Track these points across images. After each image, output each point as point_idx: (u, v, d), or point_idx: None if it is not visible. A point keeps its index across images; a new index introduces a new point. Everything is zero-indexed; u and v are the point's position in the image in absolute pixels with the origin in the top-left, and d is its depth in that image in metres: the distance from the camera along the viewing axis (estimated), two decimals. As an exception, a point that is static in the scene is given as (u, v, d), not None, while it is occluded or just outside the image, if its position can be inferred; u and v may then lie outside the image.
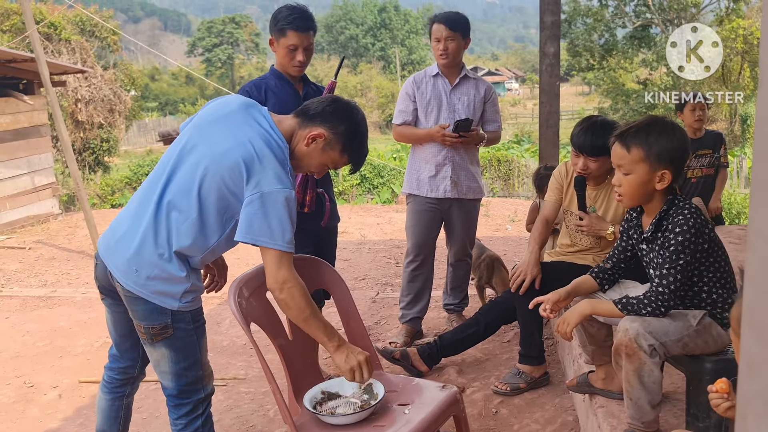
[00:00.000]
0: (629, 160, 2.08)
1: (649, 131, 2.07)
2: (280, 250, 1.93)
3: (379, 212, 10.12)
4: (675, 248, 2.02)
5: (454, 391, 2.21)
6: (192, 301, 2.05)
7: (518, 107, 46.20)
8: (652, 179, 2.07)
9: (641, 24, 28.04)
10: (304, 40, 2.97)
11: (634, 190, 2.11)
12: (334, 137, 2.07)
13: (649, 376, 2.08)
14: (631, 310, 2.10)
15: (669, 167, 2.05)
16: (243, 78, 56.10)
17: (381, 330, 4.23)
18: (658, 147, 2.05)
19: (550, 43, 4.74)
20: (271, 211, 1.90)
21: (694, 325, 2.11)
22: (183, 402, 2.12)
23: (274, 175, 1.92)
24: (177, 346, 2.04)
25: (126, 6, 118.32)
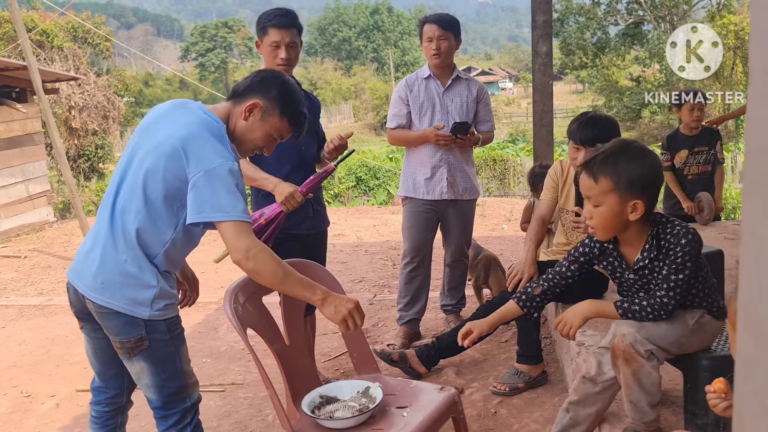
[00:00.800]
0: (598, 190, 1.98)
1: (617, 158, 1.96)
2: (236, 220, 1.91)
3: (375, 214, 10.12)
4: (682, 259, 1.99)
5: (453, 392, 2.21)
6: (165, 309, 2.00)
7: (512, 106, 46.28)
8: (624, 210, 1.97)
9: (633, 21, 28.12)
10: (285, 36, 2.94)
11: (607, 222, 2.01)
12: (269, 103, 2.06)
13: (647, 378, 2.07)
14: (632, 317, 2.08)
15: (641, 196, 1.95)
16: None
17: (379, 332, 4.23)
18: (627, 175, 1.94)
19: (543, 42, 4.74)
20: (217, 185, 1.89)
21: (690, 325, 2.11)
22: (169, 413, 2.08)
23: (213, 150, 1.91)
24: (155, 358, 2.00)
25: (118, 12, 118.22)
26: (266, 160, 3.00)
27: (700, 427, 2.24)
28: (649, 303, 2.07)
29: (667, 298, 2.03)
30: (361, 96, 43.61)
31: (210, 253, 7.39)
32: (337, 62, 57.06)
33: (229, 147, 1.97)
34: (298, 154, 3.03)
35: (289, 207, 2.85)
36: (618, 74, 29.41)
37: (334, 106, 39.79)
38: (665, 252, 2.04)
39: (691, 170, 4.75)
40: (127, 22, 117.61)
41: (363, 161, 16.93)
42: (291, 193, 2.83)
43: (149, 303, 1.96)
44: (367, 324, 4.36)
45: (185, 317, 4.98)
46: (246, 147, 2.13)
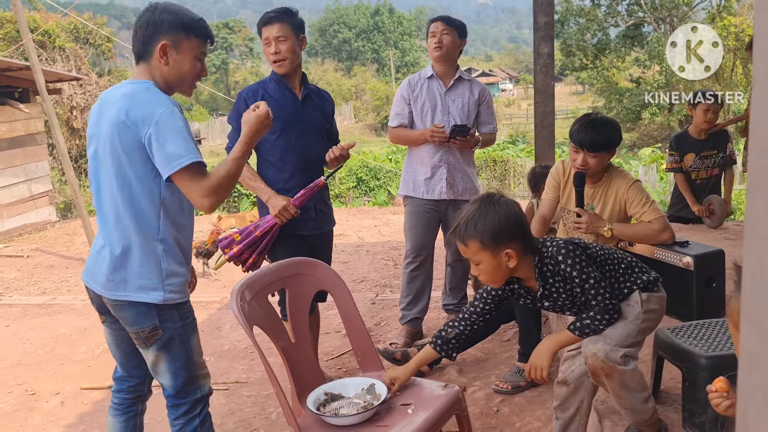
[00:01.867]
0: (470, 252, 2.06)
1: (477, 220, 2.02)
2: (196, 160, 1.97)
3: (376, 214, 10.14)
4: (577, 269, 2.06)
5: (456, 390, 2.23)
6: (178, 289, 2.08)
7: (513, 107, 46.29)
8: (500, 261, 2.04)
9: (634, 23, 28.15)
10: (272, 31, 2.96)
11: (491, 275, 2.08)
12: (171, 32, 2.07)
13: (632, 381, 2.13)
14: (590, 332, 2.12)
15: (509, 245, 2.02)
16: (237, 83, 56.11)
17: (381, 331, 4.25)
18: (489, 233, 2.01)
19: (544, 44, 4.77)
20: (170, 132, 1.95)
21: (639, 309, 2.15)
22: (181, 402, 2.17)
23: (150, 104, 1.97)
24: (169, 346, 2.09)
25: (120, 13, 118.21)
26: (271, 161, 3.03)
27: (698, 425, 2.26)
28: (595, 314, 2.12)
29: (603, 300, 2.09)
30: (361, 97, 43.63)
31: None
32: (338, 63, 57.09)
33: (162, 95, 2.03)
34: (303, 153, 3.05)
35: (282, 219, 2.92)
36: (618, 76, 29.43)
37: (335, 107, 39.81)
38: (554, 275, 2.11)
39: (700, 174, 4.76)
40: (129, 22, 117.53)
41: (364, 162, 16.95)
42: (284, 206, 2.91)
43: (161, 285, 2.04)
44: (369, 323, 4.38)
45: (188, 316, 4.98)
46: (184, 85, 2.16)
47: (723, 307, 3.13)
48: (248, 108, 2.95)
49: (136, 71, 2.13)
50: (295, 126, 3.04)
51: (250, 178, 3.01)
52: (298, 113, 3.06)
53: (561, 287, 2.12)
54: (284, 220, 2.93)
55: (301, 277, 2.38)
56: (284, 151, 3.02)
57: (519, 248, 2.04)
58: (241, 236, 2.94)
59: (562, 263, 2.06)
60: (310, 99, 3.15)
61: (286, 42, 2.98)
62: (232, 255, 2.94)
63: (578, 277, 2.07)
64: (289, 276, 2.36)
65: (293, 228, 3.00)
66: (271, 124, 2.19)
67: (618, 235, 3.00)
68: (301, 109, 3.08)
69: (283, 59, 2.99)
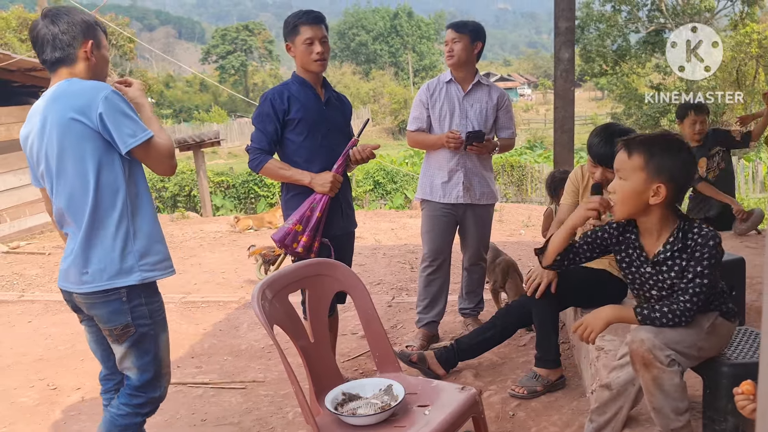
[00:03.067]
0: (629, 165, 2.08)
1: (654, 143, 2.07)
2: (151, 135, 2.12)
3: (393, 218, 10.16)
4: (708, 262, 2.03)
5: (474, 392, 2.24)
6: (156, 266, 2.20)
7: (531, 113, 46.18)
8: (646, 190, 2.05)
9: (654, 29, 27.93)
10: (318, 32, 3.02)
11: (627, 197, 2.09)
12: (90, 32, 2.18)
13: (669, 384, 2.07)
14: (651, 324, 2.09)
15: (666, 183, 2.03)
16: (256, 85, 56.47)
17: (397, 334, 4.27)
18: (658, 159, 2.03)
19: (565, 49, 4.77)
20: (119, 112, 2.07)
21: (705, 328, 2.12)
22: (139, 394, 2.27)
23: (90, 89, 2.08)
24: (140, 343, 2.20)
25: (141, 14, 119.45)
26: (298, 162, 3.07)
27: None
28: (670, 309, 2.08)
29: (690, 303, 2.05)
30: (379, 100, 43.71)
31: (231, 253, 7.48)
32: (356, 66, 57.24)
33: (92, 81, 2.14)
34: (329, 154, 3.10)
35: (335, 190, 3.03)
36: (638, 82, 29.21)
37: (353, 110, 39.89)
38: (690, 251, 2.07)
39: (714, 173, 4.85)
40: (150, 24, 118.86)
41: (381, 165, 16.98)
42: (333, 177, 3.00)
43: (136, 265, 2.14)
44: (386, 326, 4.40)
45: (206, 315, 5.06)
46: (102, 75, 2.26)
47: (744, 315, 3.12)
48: (274, 108, 3.01)
49: (53, 78, 2.20)
50: (321, 127, 3.09)
51: (283, 168, 3.06)
52: (323, 114, 3.11)
53: (678, 266, 2.10)
54: (336, 190, 3.05)
55: (320, 278, 2.40)
56: (311, 152, 3.07)
57: (670, 195, 2.05)
58: (302, 224, 2.98)
59: (707, 249, 2.03)
60: (332, 101, 3.19)
61: (326, 44, 3.08)
62: (304, 245, 2.97)
63: (700, 270, 2.03)
64: (309, 276, 2.38)
65: (327, 229, 3.06)
66: None
67: (637, 242, 3.00)
68: (325, 111, 3.12)
69: (325, 59, 3.08)
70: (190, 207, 15.30)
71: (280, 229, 3.01)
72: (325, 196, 3.00)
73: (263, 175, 3.24)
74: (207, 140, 12.00)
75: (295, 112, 3.04)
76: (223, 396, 3.47)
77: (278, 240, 2.99)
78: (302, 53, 3.03)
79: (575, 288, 3.11)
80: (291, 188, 3.13)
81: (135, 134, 2.08)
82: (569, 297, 3.15)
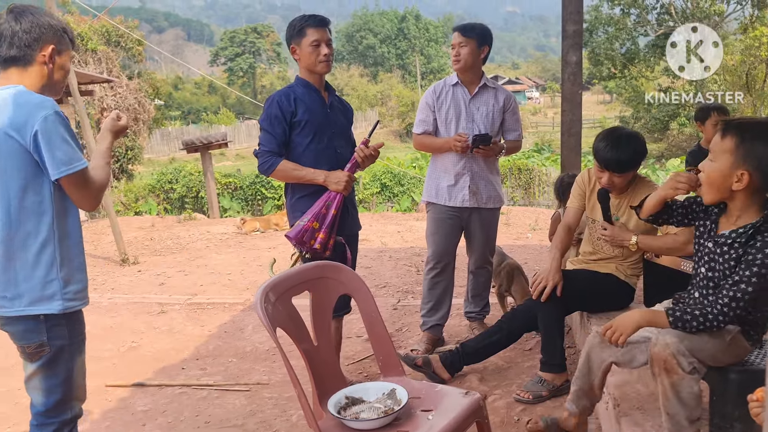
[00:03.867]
0: (720, 146, 2.02)
1: (750, 128, 2.00)
2: (86, 166, 2.00)
3: (399, 220, 10.14)
4: (759, 270, 1.96)
5: (477, 397, 2.22)
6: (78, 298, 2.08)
7: (539, 116, 46.10)
8: (730, 174, 1.99)
9: (663, 32, 27.82)
10: (323, 35, 3.04)
11: (712, 179, 2.04)
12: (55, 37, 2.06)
13: (687, 391, 2.04)
14: (682, 326, 2.06)
15: (751, 170, 1.96)
16: (264, 87, 56.63)
17: (402, 337, 4.25)
18: (749, 145, 1.97)
19: (573, 52, 4.75)
20: (56, 136, 1.94)
21: (727, 341, 2.09)
22: (48, 422, 2.12)
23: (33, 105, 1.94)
24: (52, 363, 2.06)
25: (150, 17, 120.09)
26: (304, 163, 3.07)
27: (725, 439, 2.23)
28: (703, 313, 2.04)
29: (727, 308, 2.00)
30: (387, 103, 43.73)
31: (237, 255, 7.50)
32: (364, 69, 57.33)
33: (40, 97, 1.98)
34: (334, 156, 3.12)
35: (348, 189, 3.05)
36: (646, 85, 29.11)
37: (360, 112, 39.95)
38: (751, 248, 2.00)
39: None
40: (159, 26, 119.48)
41: (388, 168, 16.98)
42: (347, 176, 3.03)
43: (59, 295, 2.03)
44: (390, 329, 4.38)
45: (211, 317, 5.07)
46: (57, 87, 2.14)
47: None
48: (282, 110, 3.01)
49: (2, 76, 2.06)
50: (327, 130, 3.10)
51: (296, 169, 3.05)
52: (328, 118, 3.11)
53: (733, 258, 2.04)
54: (350, 188, 3.08)
55: (325, 281, 2.39)
56: (317, 155, 3.08)
57: (754, 183, 1.98)
58: (318, 222, 2.98)
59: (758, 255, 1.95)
60: (335, 105, 3.20)
61: (331, 47, 3.11)
62: (321, 242, 2.98)
63: (748, 276, 1.97)
64: (313, 279, 2.37)
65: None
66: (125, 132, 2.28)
67: (643, 247, 2.98)
68: (329, 114, 3.13)
69: (330, 61, 3.10)
70: (198, 208, 15.34)
71: (295, 227, 3.00)
72: (339, 194, 3.01)
73: (274, 178, 3.20)
74: (215, 142, 12.03)
75: (301, 114, 3.04)
76: (227, 398, 3.46)
77: (294, 237, 2.97)
78: (308, 55, 3.04)
79: (581, 292, 3.09)
80: (297, 191, 3.13)
81: (69, 162, 1.95)
82: (575, 301, 3.13)
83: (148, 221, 10.96)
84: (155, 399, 3.49)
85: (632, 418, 2.47)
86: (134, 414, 3.32)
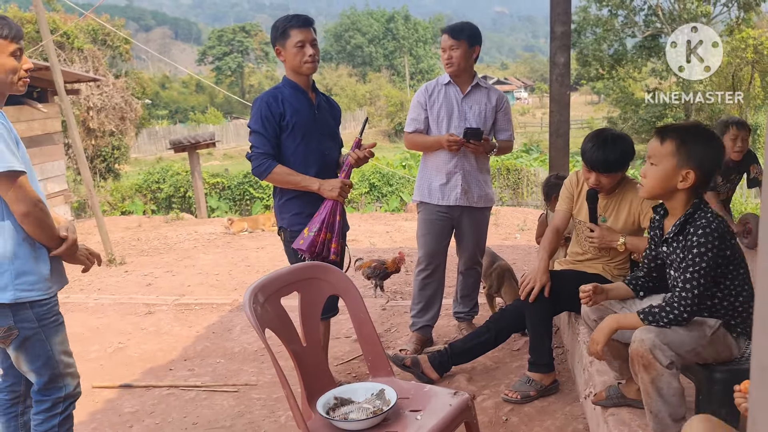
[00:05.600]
0: (660, 151, 2.13)
1: (687, 131, 2.13)
2: (19, 170, 2.03)
3: (388, 220, 10.14)
4: (698, 250, 2.04)
5: (466, 397, 2.23)
6: (32, 288, 2.14)
7: (527, 116, 46.21)
8: (675, 175, 2.11)
9: (651, 33, 28.02)
10: (308, 35, 3.03)
11: (656, 182, 2.14)
12: None
13: (667, 387, 2.07)
14: (653, 320, 2.10)
15: (695, 169, 2.08)
16: (252, 86, 56.42)
17: (391, 337, 4.25)
18: (689, 146, 2.09)
19: (560, 53, 4.77)
20: None
21: (708, 335, 2.12)
22: (44, 398, 2.25)
23: None
24: (26, 347, 2.17)
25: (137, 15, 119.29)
26: (293, 165, 3.06)
27: (711, 438, 2.24)
28: (667, 301, 2.11)
29: (685, 291, 2.06)
30: (376, 103, 43.71)
31: (225, 255, 7.46)
32: (352, 69, 57.28)
33: None
34: (322, 159, 3.12)
35: (344, 195, 3.05)
36: (634, 86, 29.28)
37: (349, 112, 39.92)
38: (685, 235, 2.11)
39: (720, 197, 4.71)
40: (146, 24, 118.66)
41: (377, 168, 16.97)
42: (342, 183, 3.03)
43: (11, 286, 2.10)
44: (379, 329, 4.38)
45: (199, 317, 5.03)
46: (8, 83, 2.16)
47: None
48: (271, 111, 3.00)
49: None
50: (315, 132, 3.10)
51: (291, 174, 3.04)
52: (316, 119, 3.11)
53: (678, 246, 2.14)
54: (346, 195, 3.08)
55: (313, 281, 2.39)
56: (306, 157, 3.07)
57: (698, 181, 2.10)
58: (330, 232, 3.00)
59: (695, 237, 2.05)
60: (322, 105, 3.19)
61: (317, 47, 3.09)
62: (335, 251, 3.01)
63: (691, 258, 2.05)
64: (302, 280, 2.37)
65: None
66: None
67: (631, 249, 3.00)
68: (317, 115, 3.12)
69: (316, 61, 3.08)
70: (185, 208, 15.26)
71: (306, 239, 2.97)
72: (335, 202, 3.02)
73: (268, 182, 3.16)
74: (202, 141, 11.97)
75: (290, 117, 3.03)
76: (215, 399, 3.45)
77: (307, 249, 2.97)
78: (293, 56, 3.03)
79: (569, 292, 3.10)
80: (285, 193, 3.12)
81: None
82: (563, 301, 3.14)
83: (134, 221, 10.88)
84: (143, 400, 3.47)
85: (619, 417, 2.48)
86: (121, 415, 3.30)
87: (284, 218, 3.12)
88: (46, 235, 2.17)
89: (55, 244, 2.22)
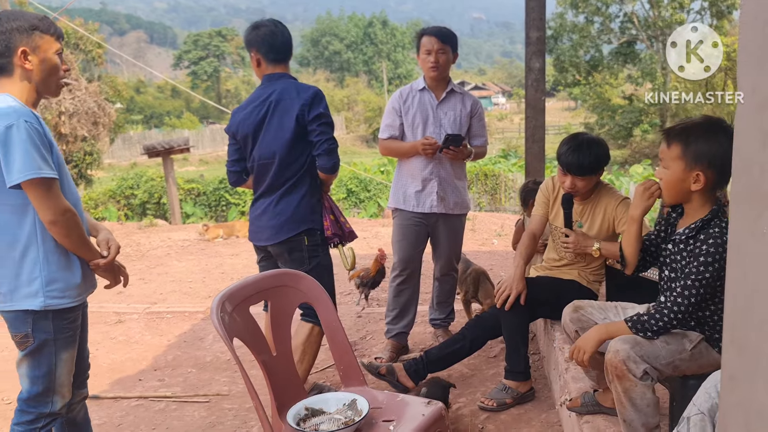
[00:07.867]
0: (668, 155, 2.08)
1: (692, 131, 2.05)
2: (48, 176, 1.98)
3: (366, 226, 10.09)
4: (705, 259, 1.99)
5: (440, 406, 2.19)
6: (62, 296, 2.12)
7: (505, 122, 46.48)
8: (686, 178, 2.05)
9: (627, 40, 28.42)
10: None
11: (670, 186, 2.10)
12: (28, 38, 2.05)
13: (641, 398, 2.05)
14: (641, 328, 2.07)
15: (705, 169, 2.02)
16: (229, 91, 56.06)
17: (366, 345, 4.21)
18: (695, 147, 2.02)
19: (536, 58, 4.78)
20: (17, 143, 1.94)
21: (688, 350, 2.08)
22: (28, 410, 2.20)
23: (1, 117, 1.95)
24: (36, 354, 2.15)
25: (112, 19, 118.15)
26: None
27: (686, 446, 2.23)
28: (657, 310, 2.06)
29: (681, 297, 2.02)
30: (353, 108, 43.74)
31: (199, 262, 7.34)
32: (330, 74, 57.25)
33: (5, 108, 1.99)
34: None
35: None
36: (611, 92, 29.64)
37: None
38: (697, 242, 2.05)
39: None
40: (120, 28, 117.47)
41: (354, 173, 16.93)
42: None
43: (41, 293, 2.08)
44: (354, 337, 4.34)
45: (171, 326, 4.94)
46: (50, 83, 2.14)
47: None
48: None
49: None
50: None
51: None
52: None
53: (686, 251, 2.09)
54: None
55: (284, 289, 2.34)
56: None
57: (710, 181, 2.03)
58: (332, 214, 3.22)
59: (705, 246, 1.99)
60: None
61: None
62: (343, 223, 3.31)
63: (695, 267, 2.00)
64: (271, 288, 2.31)
65: None
66: None
67: (606, 254, 2.98)
68: None
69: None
70: (160, 215, 15.07)
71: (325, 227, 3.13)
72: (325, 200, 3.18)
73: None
74: (176, 147, 11.86)
75: None
76: (186, 410, 3.37)
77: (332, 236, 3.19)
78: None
79: (545, 299, 3.09)
80: None
81: (22, 170, 1.95)
82: (539, 308, 3.12)
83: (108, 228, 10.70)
84: (110, 412, 3.38)
85: (594, 424, 2.46)
86: (88, 428, 3.21)
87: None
88: (75, 244, 2.12)
89: (86, 254, 2.18)
